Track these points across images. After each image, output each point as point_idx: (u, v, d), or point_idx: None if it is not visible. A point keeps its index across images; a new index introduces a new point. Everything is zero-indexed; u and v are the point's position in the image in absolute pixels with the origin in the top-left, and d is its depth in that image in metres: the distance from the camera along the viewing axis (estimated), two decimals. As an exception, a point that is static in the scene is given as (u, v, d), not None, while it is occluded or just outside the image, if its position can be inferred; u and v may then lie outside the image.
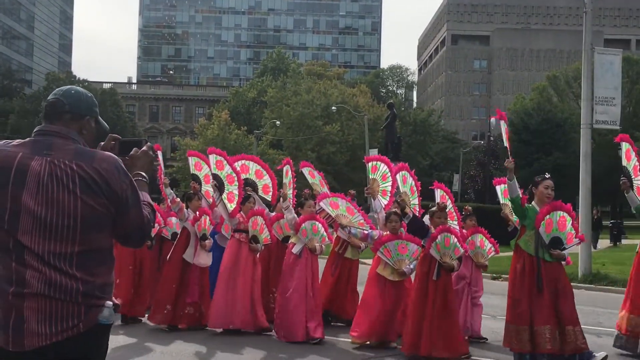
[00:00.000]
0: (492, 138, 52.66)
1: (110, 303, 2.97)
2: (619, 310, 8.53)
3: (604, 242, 30.57)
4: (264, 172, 10.38)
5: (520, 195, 7.30)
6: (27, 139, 3.07)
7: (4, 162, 2.93)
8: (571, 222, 7.28)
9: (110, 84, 79.12)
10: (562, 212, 7.23)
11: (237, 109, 66.59)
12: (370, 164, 9.46)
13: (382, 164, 9.40)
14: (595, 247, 21.00)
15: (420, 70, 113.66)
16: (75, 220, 2.88)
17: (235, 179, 9.52)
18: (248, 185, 10.00)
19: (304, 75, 68.95)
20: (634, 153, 8.45)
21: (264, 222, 9.54)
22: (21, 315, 2.83)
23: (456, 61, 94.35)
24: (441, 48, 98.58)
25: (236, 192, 9.47)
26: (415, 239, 8.22)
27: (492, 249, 9.07)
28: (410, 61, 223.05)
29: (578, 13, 18.45)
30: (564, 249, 7.19)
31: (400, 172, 8.91)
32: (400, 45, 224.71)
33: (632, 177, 8.38)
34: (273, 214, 10.22)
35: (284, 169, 9.57)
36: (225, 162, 9.64)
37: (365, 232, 8.68)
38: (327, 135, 53.32)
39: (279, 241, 10.05)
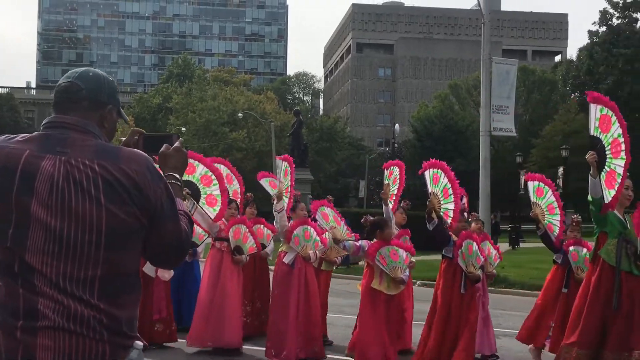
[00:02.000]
0: (396, 145, 53.58)
1: (141, 344, 2.36)
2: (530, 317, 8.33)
3: (503, 246, 31.55)
4: (233, 177, 9.52)
5: (606, 198, 6.33)
6: (35, 133, 2.43)
7: (6, 162, 2.29)
8: None
9: (7, 89, 76.16)
10: None
11: (141, 115, 65.37)
12: (388, 169, 8.91)
13: (397, 168, 8.85)
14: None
15: (326, 77, 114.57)
16: (98, 236, 2.24)
17: (213, 178, 8.42)
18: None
19: (210, 82, 68.39)
20: (549, 189, 8.15)
21: (247, 230, 8.76)
22: (31, 356, 2.20)
23: (361, 69, 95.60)
24: (347, 56, 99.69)
25: (217, 192, 8.39)
26: (403, 244, 7.62)
27: (497, 255, 8.45)
28: (316, 68, 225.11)
29: (478, 24, 19.17)
30: None
31: (431, 170, 7.80)
32: (306, 53, 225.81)
33: (548, 213, 8.09)
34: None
35: (283, 167, 8.56)
36: (196, 163, 8.51)
37: (357, 244, 7.71)
38: (234, 142, 53.04)
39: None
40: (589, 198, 6.36)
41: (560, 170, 36.24)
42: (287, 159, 8.65)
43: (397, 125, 50.30)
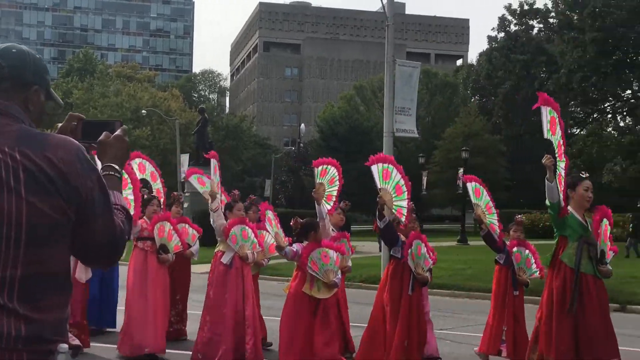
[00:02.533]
0: (302, 145, 53.78)
1: (66, 346, 2.10)
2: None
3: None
4: (157, 175, 9.31)
5: (562, 201, 6.12)
6: None
7: None
8: (610, 230, 6.42)
9: None
10: (606, 220, 6.41)
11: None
12: (319, 167, 8.39)
13: (332, 168, 8.38)
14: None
15: (232, 75, 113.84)
16: (18, 231, 2.00)
17: (129, 181, 8.11)
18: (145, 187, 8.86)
19: (112, 77, 66.80)
20: (484, 190, 8.05)
21: (171, 227, 8.42)
22: None
23: (268, 68, 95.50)
24: (253, 54, 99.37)
25: (131, 197, 8.05)
26: (333, 245, 7.34)
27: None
28: (222, 66, 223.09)
29: (383, 26, 19.55)
30: (606, 263, 6.27)
31: (380, 165, 7.38)
32: (212, 50, 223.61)
33: (487, 213, 7.95)
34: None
35: (212, 165, 8.22)
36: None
37: (294, 250, 7.36)
38: (137, 140, 51.95)
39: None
40: (547, 203, 6.13)
41: (461, 171, 37.26)
42: (215, 156, 8.34)
43: (302, 125, 50.49)
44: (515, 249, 7.90)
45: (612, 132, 40.31)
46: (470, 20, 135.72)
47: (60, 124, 2.42)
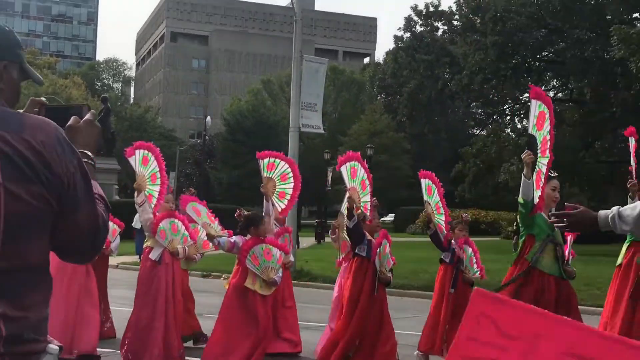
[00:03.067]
0: (207, 137, 53.26)
1: (56, 348, 1.93)
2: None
3: (309, 241, 32.40)
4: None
5: (536, 199, 5.90)
6: None
7: None
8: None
9: None
10: None
11: None
12: (265, 160, 7.91)
13: (282, 163, 7.97)
14: (298, 246, 22.19)
15: (138, 65, 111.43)
16: None
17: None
18: None
19: (10, 62, 64.20)
20: (436, 189, 7.91)
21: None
22: None
23: (175, 59, 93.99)
24: (160, 44, 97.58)
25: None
26: (278, 243, 7.28)
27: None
28: (128, 55, 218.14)
29: (292, 21, 19.48)
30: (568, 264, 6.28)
31: (348, 164, 7.19)
32: (117, 38, 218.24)
33: (436, 212, 7.85)
34: None
35: (137, 154, 7.59)
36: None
37: (232, 240, 7.17)
38: (36, 128, 50.22)
39: None
40: (520, 200, 5.88)
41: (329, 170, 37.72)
42: (142, 146, 7.73)
43: (208, 118, 49.93)
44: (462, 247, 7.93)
45: (510, 133, 41.78)
46: (378, 19, 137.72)
47: (20, 111, 2.19)
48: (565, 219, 3.36)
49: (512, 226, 27.99)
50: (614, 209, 3.18)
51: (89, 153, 2.19)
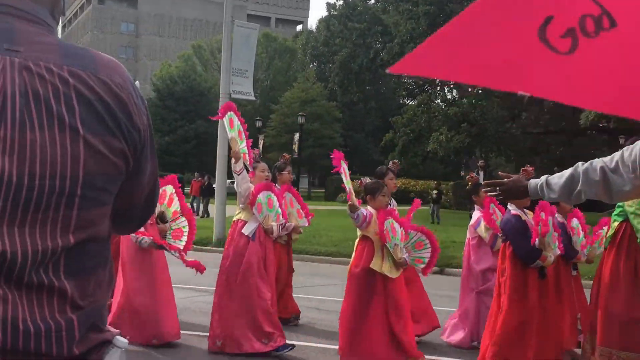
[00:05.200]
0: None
1: (125, 340, 1.53)
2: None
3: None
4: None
5: None
6: None
7: None
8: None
9: None
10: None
11: None
12: (225, 117, 6.79)
13: (235, 117, 6.89)
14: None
15: (64, 27, 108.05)
16: (73, 185, 1.39)
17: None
18: None
19: None
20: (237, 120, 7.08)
21: (173, 191, 7.08)
22: None
23: (103, 22, 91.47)
24: (87, 6, 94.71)
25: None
26: (399, 217, 6.21)
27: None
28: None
29: (223, -14, 19.41)
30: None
31: (227, 115, 6.72)
32: None
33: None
34: None
35: (227, 117, 6.77)
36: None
37: (364, 213, 6.04)
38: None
39: None
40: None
41: (297, 135, 37.76)
42: (231, 107, 6.87)
43: (137, 83, 48.56)
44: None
45: (440, 103, 42.33)
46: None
47: None
48: (497, 188, 3.45)
49: (431, 195, 28.56)
50: (543, 177, 3.26)
51: None
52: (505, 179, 3.46)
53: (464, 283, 7.43)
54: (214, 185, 22.43)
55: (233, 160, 6.65)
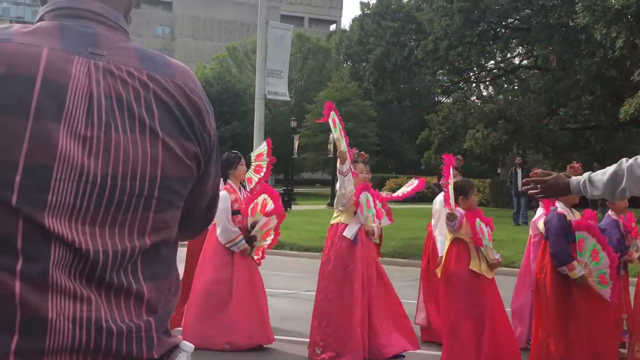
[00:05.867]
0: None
1: (191, 345, 1.53)
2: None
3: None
4: None
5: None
6: (39, 22, 1.47)
7: (14, 64, 1.32)
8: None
9: None
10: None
11: None
12: (330, 117, 6.76)
13: (336, 116, 6.86)
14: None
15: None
16: (151, 187, 1.41)
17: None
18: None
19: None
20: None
21: (266, 197, 6.89)
22: None
23: (139, 25, 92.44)
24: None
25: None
26: (484, 217, 6.09)
27: None
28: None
29: (256, -13, 19.47)
30: None
31: (330, 114, 6.91)
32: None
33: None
34: None
35: (331, 117, 6.69)
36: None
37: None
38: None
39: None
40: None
41: (332, 135, 37.74)
42: (332, 107, 6.86)
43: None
44: None
45: (476, 100, 41.97)
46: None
47: None
48: (538, 185, 3.36)
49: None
50: (585, 174, 3.21)
51: None
52: (547, 177, 3.38)
53: (519, 280, 7.31)
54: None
55: (339, 160, 6.54)
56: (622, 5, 22.63)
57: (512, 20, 35.21)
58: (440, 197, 7.04)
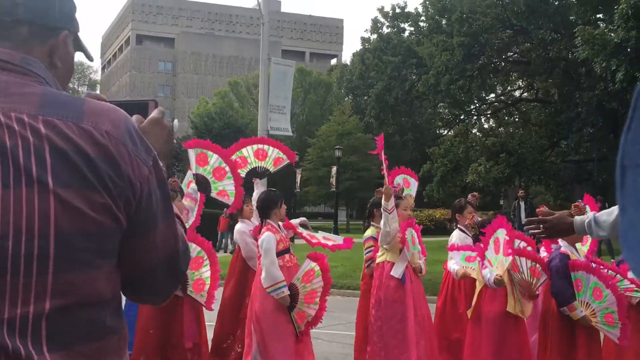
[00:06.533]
0: (175, 141, 52.78)
1: None
2: None
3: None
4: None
5: None
6: None
7: None
8: None
9: None
10: None
11: None
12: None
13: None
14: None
15: (103, 68, 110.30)
16: (44, 244, 1.28)
17: (227, 170, 6.79)
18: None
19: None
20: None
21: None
22: None
23: (141, 62, 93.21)
24: (126, 47, 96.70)
25: (231, 188, 6.71)
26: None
27: None
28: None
29: (258, 23, 19.38)
30: None
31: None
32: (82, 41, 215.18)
33: None
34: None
35: (382, 154, 6.47)
36: (210, 154, 6.83)
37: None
38: None
39: None
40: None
41: (334, 169, 37.81)
42: (382, 142, 6.68)
43: (175, 121, 48.64)
44: None
45: (477, 133, 42.07)
46: (344, 20, 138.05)
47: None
48: (541, 225, 3.26)
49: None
50: (590, 214, 3.12)
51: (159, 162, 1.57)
52: (549, 216, 3.27)
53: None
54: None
55: (384, 197, 6.28)
56: (622, 39, 22.80)
57: (512, 53, 35.46)
58: (455, 234, 6.95)
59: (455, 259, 6.61)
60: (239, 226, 7.46)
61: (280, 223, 6.21)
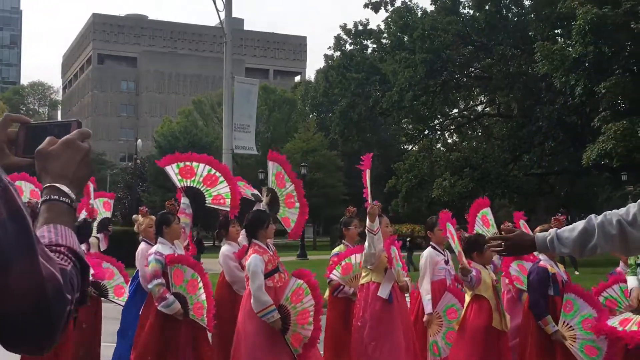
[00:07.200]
0: (139, 160, 52.44)
1: None
2: None
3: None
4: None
5: None
6: None
7: None
8: None
9: None
10: None
11: None
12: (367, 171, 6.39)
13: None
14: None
15: (65, 88, 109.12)
16: None
17: (219, 175, 6.81)
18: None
19: None
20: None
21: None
22: None
23: (103, 81, 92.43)
24: (87, 67, 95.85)
25: (226, 190, 6.66)
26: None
27: None
28: (54, 79, 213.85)
29: (222, 41, 19.31)
30: None
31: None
32: (42, 62, 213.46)
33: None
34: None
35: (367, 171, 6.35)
36: (195, 164, 6.76)
37: (473, 274, 5.82)
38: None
39: None
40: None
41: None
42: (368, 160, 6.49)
43: (139, 141, 49.19)
44: None
45: (441, 148, 42.42)
46: (307, 37, 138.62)
47: None
48: (502, 243, 3.23)
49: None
50: (552, 231, 3.08)
51: (65, 189, 1.39)
52: (510, 234, 3.23)
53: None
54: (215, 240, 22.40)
55: (369, 218, 6.07)
56: (579, 54, 23.24)
57: (474, 69, 35.93)
58: (427, 252, 6.81)
59: (426, 278, 6.59)
60: (223, 249, 7.26)
61: (269, 241, 6.00)
